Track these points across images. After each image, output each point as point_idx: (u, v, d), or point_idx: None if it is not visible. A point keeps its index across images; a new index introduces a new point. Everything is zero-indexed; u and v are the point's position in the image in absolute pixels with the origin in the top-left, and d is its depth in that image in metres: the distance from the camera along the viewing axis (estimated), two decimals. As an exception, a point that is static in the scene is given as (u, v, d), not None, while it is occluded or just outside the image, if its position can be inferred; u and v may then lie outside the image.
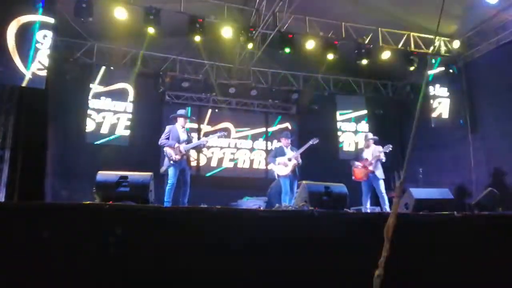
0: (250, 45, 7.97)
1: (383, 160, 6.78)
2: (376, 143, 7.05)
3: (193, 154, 9.66)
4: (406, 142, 7.22)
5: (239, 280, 3.16)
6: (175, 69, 9.44)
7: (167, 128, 6.16)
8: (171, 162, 5.87)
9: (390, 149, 6.76)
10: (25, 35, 6.43)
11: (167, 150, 5.91)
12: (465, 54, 8.92)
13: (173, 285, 3.08)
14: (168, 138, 6.00)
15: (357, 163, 7.05)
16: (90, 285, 2.89)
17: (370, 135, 7.20)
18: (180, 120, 6.16)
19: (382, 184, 6.77)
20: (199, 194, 7.06)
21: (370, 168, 6.79)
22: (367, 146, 7.06)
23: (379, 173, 6.81)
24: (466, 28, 8.59)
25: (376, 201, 9.61)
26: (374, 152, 6.86)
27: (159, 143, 6.03)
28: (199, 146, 6.37)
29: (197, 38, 7.51)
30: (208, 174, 10.15)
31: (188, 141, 6.10)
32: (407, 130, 8.55)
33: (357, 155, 7.28)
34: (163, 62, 9.42)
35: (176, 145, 5.90)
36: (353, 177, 7.02)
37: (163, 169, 6.13)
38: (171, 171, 5.88)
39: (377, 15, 8.29)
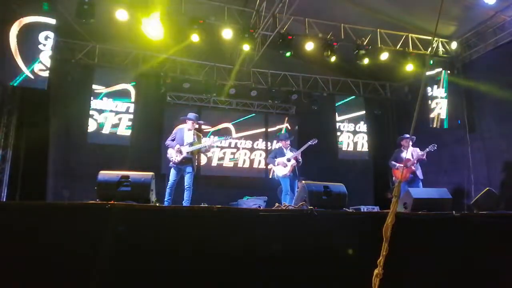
0: (249, 47, 8.01)
1: (425, 160, 6.85)
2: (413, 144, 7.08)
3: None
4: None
5: (238, 279, 3.20)
6: (176, 70, 9.47)
7: (175, 129, 6.42)
8: (172, 163, 6.07)
9: (436, 148, 6.76)
10: (27, 36, 6.48)
11: (169, 151, 6.18)
12: (463, 55, 8.94)
13: (173, 284, 3.11)
14: (174, 140, 6.19)
15: (397, 164, 7.03)
16: (90, 285, 2.90)
17: (408, 136, 7.16)
18: (188, 123, 6.31)
19: (421, 184, 6.86)
20: (199, 194, 7.10)
21: (413, 168, 6.85)
22: (406, 147, 7.08)
23: (419, 173, 6.89)
24: (464, 29, 8.62)
25: (376, 200, 9.68)
26: (414, 153, 6.92)
27: (165, 143, 6.31)
28: (201, 149, 6.33)
29: (198, 39, 7.55)
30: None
31: (193, 143, 6.17)
32: (405, 130, 8.58)
33: (395, 156, 7.25)
34: (164, 63, 9.46)
35: (177, 146, 6.04)
36: (393, 179, 6.97)
37: None
38: (171, 172, 6.11)
39: (375, 16, 8.34)
